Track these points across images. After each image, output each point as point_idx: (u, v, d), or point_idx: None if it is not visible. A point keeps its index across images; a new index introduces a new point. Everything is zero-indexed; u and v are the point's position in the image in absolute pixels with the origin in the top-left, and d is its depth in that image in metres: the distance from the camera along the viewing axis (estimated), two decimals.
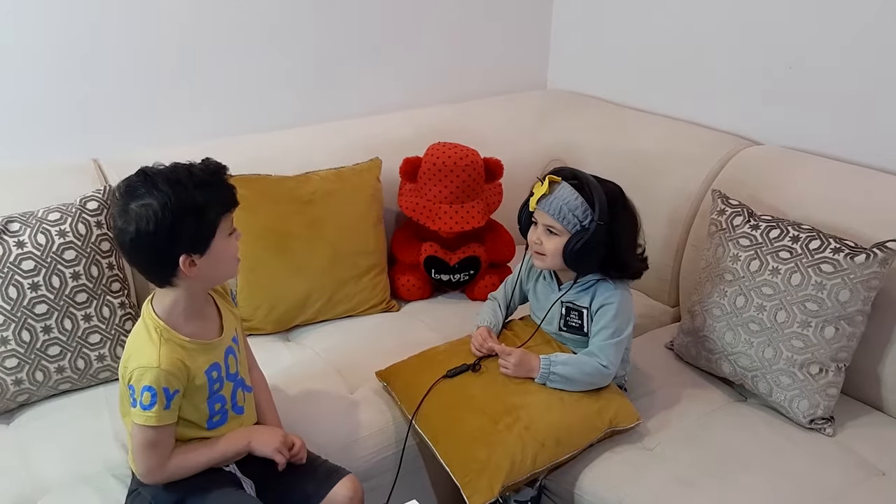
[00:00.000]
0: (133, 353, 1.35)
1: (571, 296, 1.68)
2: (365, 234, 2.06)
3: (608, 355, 1.61)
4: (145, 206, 1.25)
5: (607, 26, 2.51)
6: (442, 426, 1.60)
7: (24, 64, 1.88)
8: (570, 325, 1.69)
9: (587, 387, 1.62)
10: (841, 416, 1.66)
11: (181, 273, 1.30)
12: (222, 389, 1.42)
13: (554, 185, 1.60)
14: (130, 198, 1.27)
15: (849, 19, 1.89)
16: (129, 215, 1.26)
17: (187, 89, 2.11)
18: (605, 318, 1.63)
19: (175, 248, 1.28)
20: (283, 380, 1.76)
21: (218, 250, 1.32)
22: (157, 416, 1.32)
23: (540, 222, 1.63)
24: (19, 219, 1.65)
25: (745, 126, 2.16)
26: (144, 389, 1.31)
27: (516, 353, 1.65)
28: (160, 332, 1.34)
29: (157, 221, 1.25)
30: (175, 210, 1.25)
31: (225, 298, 1.49)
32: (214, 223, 1.31)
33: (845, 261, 1.57)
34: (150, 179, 1.27)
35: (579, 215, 1.58)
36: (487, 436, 1.53)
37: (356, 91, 2.37)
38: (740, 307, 1.69)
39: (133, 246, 1.28)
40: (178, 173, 1.29)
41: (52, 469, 1.52)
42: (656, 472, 1.55)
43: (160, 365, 1.30)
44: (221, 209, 1.32)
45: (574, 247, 1.58)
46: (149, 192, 1.26)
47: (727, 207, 1.79)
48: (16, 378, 1.62)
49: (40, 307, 1.62)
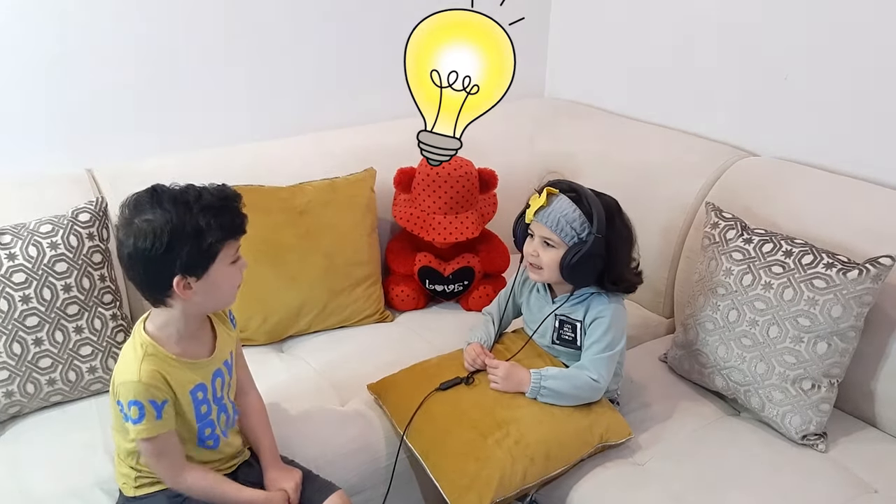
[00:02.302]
0: (119, 368, 1.35)
1: (566, 309, 1.67)
2: (359, 244, 2.05)
3: (599, 369, 1.61)
4: (147, 222, 1.26)
5: (604, 36, 2.51)
6: (432, 440, 1.60)
7: (17, 73, 1.88)
8: (563, 339, 1.69)
9: (578, 401, 1.61)
10: (834, 431, 1.65)
11: (175, 294, 1.30)
12: (211, 414, 1.42)
13: (552, 197, 1.60)
14: (136, 212, 1.28)
15: (846, 31, 1.88)
16: (130, 229, 1.27)
17: (181, 99, 2.11)
18: (598, 332, 1.63)
19: (170, 269, 1.28)
20: (276, 391, 1.76)
21: (217, 277, 1.32)
22: (149, 428, 1.32)
23: (537, 234, 1.63)
24: (11, 231, 1.65)
25: (740, 137, 2.16)
26: (131, 404, 1.31)
27: (504, 365, 1.65)
28: (144, 348, 1.34)
29: (154, 238, 1.25)
30: (174, 230, 1.26)
31: (223, 321, 1.49)
32: (215, 249, 1.30)
33: (838, 276, 1.57)
34: (157, 196, 1.29)
35: (577, 228, 1.58)
36: (477, 451, 1.53)
37: (350, 100, 2.37)
38: (733, 321, 1.69)
39: (130, 260, 1.29)
40: (188, 194, 1.29)
41: (42, 482, 1.51)
42: (648, 488, 1.54)
43: (140, 379, 1.30)
44: (224, 236, 1.31)
45: (571, 260, 1.58)
46: (153, 209, 1.27)
47: (720, 220, 1.79)
48: (7, 390, 1.62)
49: (31, 319, 1.62)
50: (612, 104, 2.51)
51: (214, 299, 1.38)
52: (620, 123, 2.41)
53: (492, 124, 2.45)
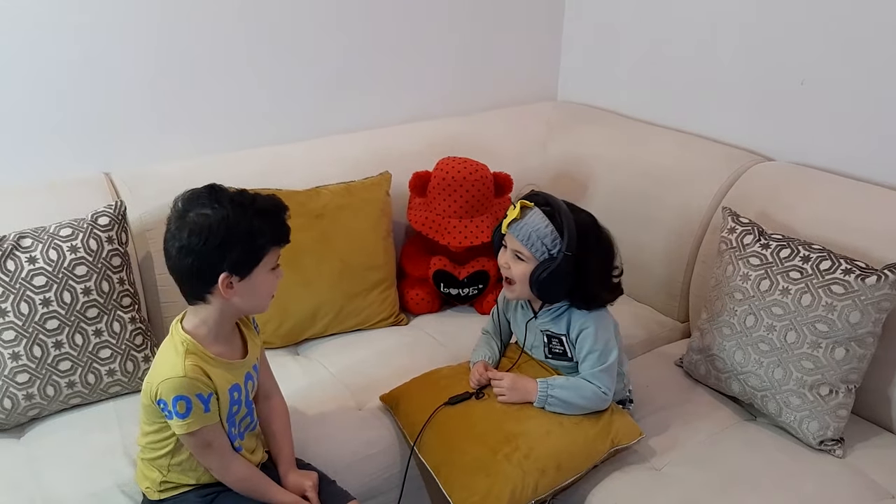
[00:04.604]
0: (158, 368, 1.36)
1: (547, 323, 1.66)
2: (374, 248, 2.06)
3: (603, 382, 1.59)
4: (204, 216, 1.28)
5: (618, 38, 2.51)
6: (443, 455, 1.60)
7: (36, 77, 1.89)
8: (554, 353, 1.68)
9: (585, 411, 1.60)
10: (851, 437, 1.65)
11: (217, 291, 1.32)
12: (239, 414, 1.44)
13: (525, 210, 1.58)
14: (192, 205, 1.30)
15: (863, 35, 1.87)
16: (184, 221, 1.29)
17: (198, 104, 2.12)
18: (588, 345, 1.61)
19: (219, 265, 1.30)
20: (291, 394, 1.76)
21: (258, 281, 1.35)
22: (196, 420, 1.33)
23: (509, 246, 1.61)
24: (31, 234, 1.66)
25: (756, 141, 2.15)
26: (177, 399, 1.31)
27: (508, 376, 1.65)
28: (186, 345, 1.35)
29: (210, 233, 1.28)
30: (230, 227, 1.28)
31: (248, 326, 1.51)
32: (262, 252, 1.33)
33: (856, 282, 1.56)
34: (215, 193, 1.32)
35: (548, 244, 1.56)
36: (487, 466, 1.53)
37: (366, 104, 2.37)
38: (750, 326, 1.68)
39: (180, 254, 1.30)
40: (244, 196, 1.33)
41: (61, 484, 1.52)
42: (665, 493, 1.54)
43: (185, 374, 1.31)
44: (272, 240, 1.35)
45: (540, 275, 1.56)
46: (210, 204, 1.29)
47: (737, 225, 1.79)
48: (27, 393, 1.63)
49: (52, 322, 1.63)
50: (626, 108, 2.50)
51: (251, 303, 1.39)
52: (634, 127, 2.41)
53: (505, 128, 2.48)
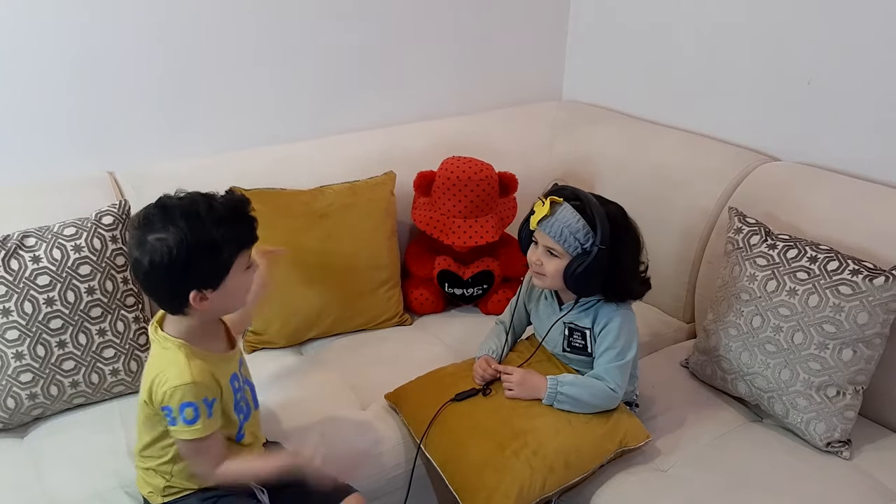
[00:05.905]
0: (160, 375, 1.33)
1: (573, 316, 1.66)
2: (378, 247, 2.05)
3: (615, 378, 1.59)
4: (161, 241, 1.23)
5: (624, 38, 2.50)
6: (450, 452, 1.59)
7: (40, 76, 1.89)
8: (573, 346, 1.67)
9: (595, 409, 1.60)
10: (858, 439, 1.64)
11: (191, 305, 1.30)
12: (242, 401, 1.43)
13: (555, 205, 1.57)
14: (147, 230, 1.25)
15: (869, 34, 1.86)
16: (144, 248, 1.25)
17: (202, 102, 2.12)
18: (609, 340, 1.61)
19: (187, 284, 1.27)
20: (296, 394, 1.76)
21: (232, 286, 1.32)
22: (203, 427, 1.32)
23: (540, 243, 1.60)
24: (35, 234, 1.66)
25: (762, 141, 2.14)
26: (185, 406, 1.30)
27: (518, 372, 1.64)
28: (181, 349, 1.33)
29: (171, 257, 1.23)
30: (190, 247, 1.24)
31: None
32: (230, 261, 1.29)
33: (864, 283, 1.55)
34: (168, 212, 1.25)
35: (581, 238, 1.55)
36: (495, 462, 1.52)
37: (371, 103, 2.37)
38: (756, 327, 1.67)
39: (147, 278, 1.28)
40: (198, 206, 1.26)
41: (65, 484, 1.52)
42: (671, 494, 1.53)
43: (193, 380, 1.30)
44: (238, 247, 1.30)
45: (575, 270, 1.55)
46: (164, 227, 1.24)
47: (744, 226, 1.78)
48: (30, 392, 1.63)
49: (55, 322, 1.63)
50: (631, 107, 2.50)
51: (230, 305, 1.38)
52: (640, 127, 2.40)
53: (510, 127, 2.48)
